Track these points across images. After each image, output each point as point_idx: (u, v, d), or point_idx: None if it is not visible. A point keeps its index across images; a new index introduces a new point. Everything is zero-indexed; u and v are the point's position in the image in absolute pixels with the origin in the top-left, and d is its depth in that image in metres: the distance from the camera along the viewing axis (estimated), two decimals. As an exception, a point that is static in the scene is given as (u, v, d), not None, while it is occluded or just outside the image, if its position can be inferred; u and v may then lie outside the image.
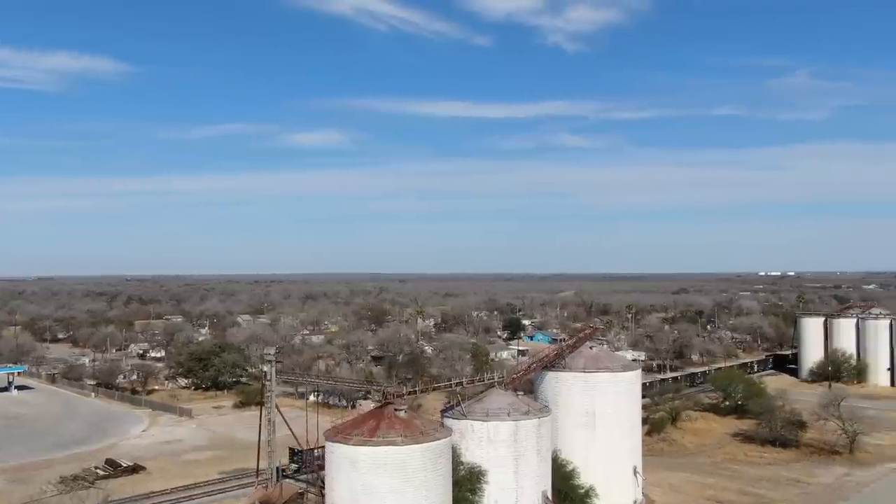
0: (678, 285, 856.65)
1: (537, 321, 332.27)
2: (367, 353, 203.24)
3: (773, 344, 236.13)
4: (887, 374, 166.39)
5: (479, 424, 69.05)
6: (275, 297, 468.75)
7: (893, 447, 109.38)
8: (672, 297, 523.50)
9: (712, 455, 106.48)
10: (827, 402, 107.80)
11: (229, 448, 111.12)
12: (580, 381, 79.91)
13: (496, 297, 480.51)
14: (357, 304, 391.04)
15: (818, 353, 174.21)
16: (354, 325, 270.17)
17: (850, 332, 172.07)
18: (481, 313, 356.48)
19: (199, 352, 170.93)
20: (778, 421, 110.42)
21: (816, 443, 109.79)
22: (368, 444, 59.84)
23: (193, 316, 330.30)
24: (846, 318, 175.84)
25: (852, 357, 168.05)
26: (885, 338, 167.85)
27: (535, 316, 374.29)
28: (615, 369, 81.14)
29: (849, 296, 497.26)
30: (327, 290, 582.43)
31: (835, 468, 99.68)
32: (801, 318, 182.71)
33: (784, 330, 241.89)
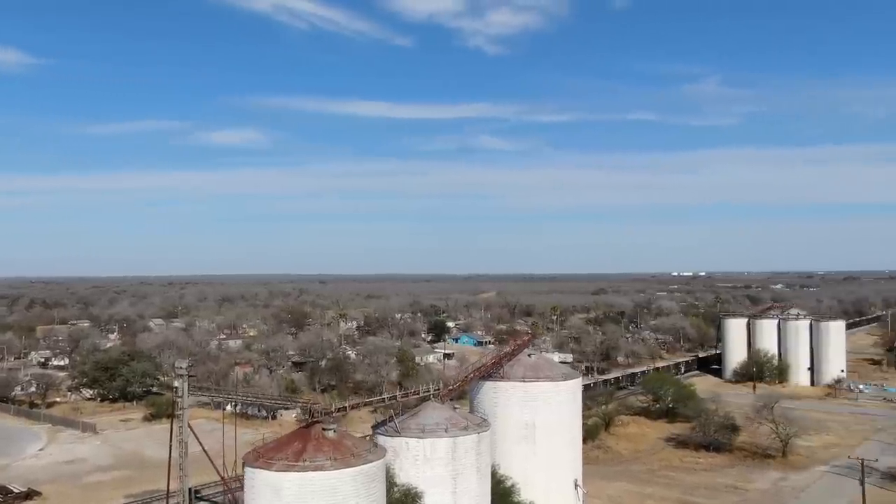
0: (596, 286, 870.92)
1: (462, 323, 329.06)
2: (288, 359, 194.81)
3: (695, 344, 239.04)
4: (807, 374, 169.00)
5: (415, 442, 63.60)
6: (189, 300, 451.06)
7: (824, 449, 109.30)
8: (592, 298, 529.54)
9: (648, 462, 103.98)
10: (761, 406, 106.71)
11: (138, 467, 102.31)
12: (519, 391, 75.46)
13: (419, 299, 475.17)
14: (276, 306, 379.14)
15: (741, 354, 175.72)
16: (274, 329, 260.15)
17: (772, 332, 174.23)
18: (405, 315, 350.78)
19: (105, 360, 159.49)
20: (712, 425, 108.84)
21: (749, 446, 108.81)
22: (294, 469, 53.58)
23: (102, 320, 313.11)
24: (768, 318, 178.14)
25: (774, 357, 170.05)
26: (804, 338, 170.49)
27: (459, 318, 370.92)
28: (556, 378, 77.00)
29: (760, 296, 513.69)
30: (245, 291, 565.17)
31: (770, 473, 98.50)
32: (725, 319, 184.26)
33: (705, 330, 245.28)
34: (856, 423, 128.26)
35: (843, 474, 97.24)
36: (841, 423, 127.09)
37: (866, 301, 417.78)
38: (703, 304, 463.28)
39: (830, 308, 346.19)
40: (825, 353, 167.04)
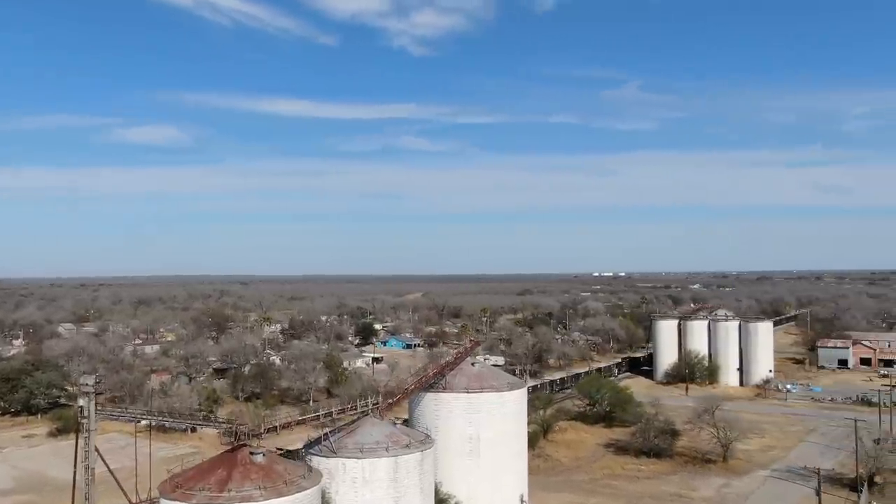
0: (521, 286, 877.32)
1: (390, 325, 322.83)
2: (209, 366, 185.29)
3: (624, 345, 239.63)
4: (737, 374, 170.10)
5: (353, 463, 58.08)
6: (103, 303, 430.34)
7: (762, 452, 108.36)
8: (519, 299, 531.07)
9: (590, 470, 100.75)
10: (702, 410, 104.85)
11: (39, 490, 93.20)
12: (463, 402, 70.73)
13: (345, 300, 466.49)
14: (196, 309, 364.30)
15: (672, 355, 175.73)
16: (194, 334, 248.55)
17: (703, 333, 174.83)
18: (331, 318, 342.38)
19: (6, 370, 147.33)
20: (652, 431, 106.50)
21: (689, 451, 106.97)
22: (218, 501, 47.31)
23: (5, 326, 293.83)
24: (698, 320, 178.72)
25: (705, 358, 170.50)
26: (734, 339, 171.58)
27: (386, 320, 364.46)
28: (501, 388, 72.53)
29: (680, 296, 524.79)
30: (163, 293, 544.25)
31: (712, 479, 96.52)
32: (656, 321, 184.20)
33: (633, 331, 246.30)
34: (789, 425, 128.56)
35: (784, 479, 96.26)
36: (774, 424, 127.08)
37: (781, 301, 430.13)
38: (627, 304, 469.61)
39: (750, 308, 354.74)
40: (754, 353, 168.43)
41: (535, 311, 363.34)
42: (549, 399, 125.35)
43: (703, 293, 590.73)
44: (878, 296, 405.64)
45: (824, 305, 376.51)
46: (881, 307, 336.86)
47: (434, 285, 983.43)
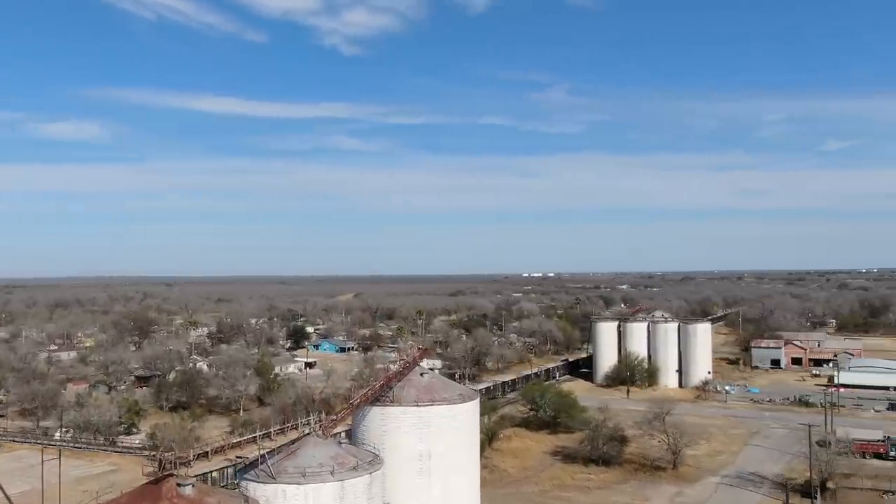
0: (453, 287, 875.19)
1: (322, 328, 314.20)
2: (130, 374, 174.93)
3: (561, 347, 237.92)
4: (676, 376, 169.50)
5: (294, 489, 52.01)
6: (16, 306, 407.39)
7: (710, 457, 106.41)
8: (452, 300, 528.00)
9: (538, 481, 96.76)
10: (652, 417, 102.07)
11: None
12: (413, 416, 65.37)
13: (275, 302, 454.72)
14: (117, 312, 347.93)
15: (612, 358, 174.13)
16: (114, 339, 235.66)
17: (642, 335, 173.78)
18: (261, 321, 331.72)
19: None
20: (600, 438, 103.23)
21: (638, 458, 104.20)
22: (139, 543, 40.82)
23: None
24: (638, 321, 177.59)
25: (644, 360, 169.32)
26: (673, 340, 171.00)
27: (318, 322, 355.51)
28: (453, 401, 67.46)
29: (610, 296, 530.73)
30: (81, 295, 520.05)
31: (664, 487, 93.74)
32: (596, 323, 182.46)
33: (570, 332, 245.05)
34: (732, 427, 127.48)
35: (735, 485, 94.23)
36: (718, 427, 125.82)
37: (709, 301, 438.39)
38: (560, 304, 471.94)
39: (680, 308, 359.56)
40: (693, 354, 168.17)
41: (469, 313, 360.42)
42: (493, 406, 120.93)
43: (632, 293, 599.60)
44: (801, 296, 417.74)
45: (751, 305, 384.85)
46: (805, 307, 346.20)
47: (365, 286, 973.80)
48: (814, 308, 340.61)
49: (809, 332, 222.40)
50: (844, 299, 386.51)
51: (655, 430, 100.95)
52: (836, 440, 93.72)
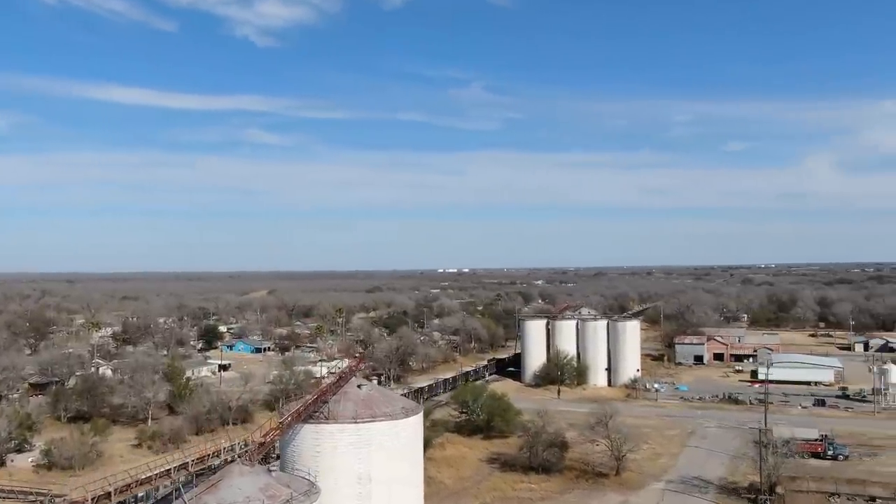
0: (370, 283, 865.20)
1: (235, 327, 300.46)
2: (24, 381, 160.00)
3: (485, 344, 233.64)
4: (605, 375, 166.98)
5: (217, 530, 44.05)
6: None
7: (650, 461, 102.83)
8: (370, 297, 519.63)
9: (478, 493, 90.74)
10: (595, 422, 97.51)
11: None
12: (351, 435, 58.15)
13: (184, 300, 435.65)
14: (11, 312, 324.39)
15: (541, 357, 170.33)
16: (7, 342, 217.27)
17: (571, 333, 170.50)
18: (170, 320, 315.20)
19: None
20: (540, 444, 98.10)
21: (579, 464, 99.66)
22: None
23: None
24: (567, 319, 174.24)
25: (573, 359, 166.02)
26: (602, 338, 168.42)
27: (231, 321, 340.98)
28: (396, 415, 60.55)
29: (528, 292, 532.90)
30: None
31: (609, 495, 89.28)
32: (524, 321, 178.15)
33: (494, 330, 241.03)
34: (667, 428, 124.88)
35: (681, 491, 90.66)
36: (654, 428, 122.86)
37: (626, 296, 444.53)
38: (479, 300, 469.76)
39: (598, 303, 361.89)
40: (622, 352, 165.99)
41: (389, 310, 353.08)
42: (428, 411, 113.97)
43: (548, 289, 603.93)
44: (712, 291, 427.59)
45: (667, 301, 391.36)
46: (718, 301, 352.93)
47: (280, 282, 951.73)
48: (727, 303, 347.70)
49: (730, 329, 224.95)
50: (754, 294, 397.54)
51: (599, 435, 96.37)
52: (779, 441, 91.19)
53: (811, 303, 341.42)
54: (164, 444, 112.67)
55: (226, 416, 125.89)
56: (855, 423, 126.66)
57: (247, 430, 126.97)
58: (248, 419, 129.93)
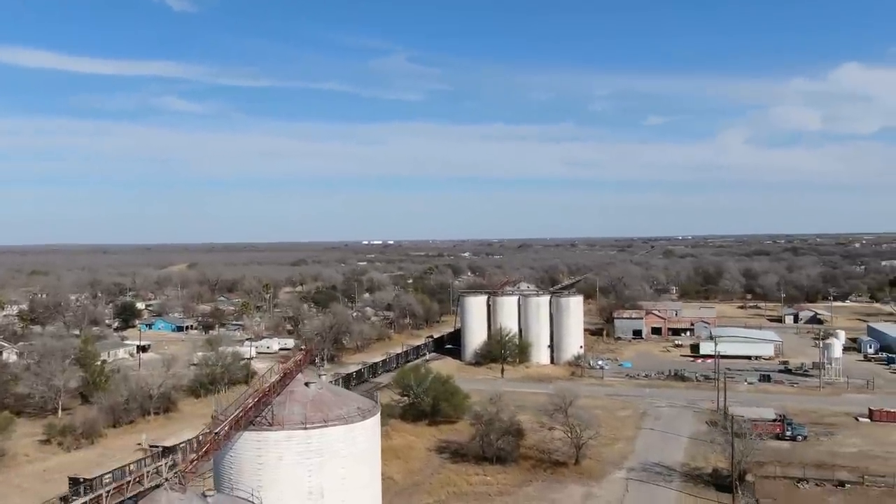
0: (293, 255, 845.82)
1: (154, 304, 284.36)
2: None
3: (420, 320, 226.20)
4: (548, 352, 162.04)
5: (142, 578, 35.18)
6: None
7: (607, 446, 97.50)
8: (295, 270, 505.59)
9: (431, 489, 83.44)
10: (553, 409, 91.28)
11: None
12: (300, 443, 49.70)
13: (98, 275, 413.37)
14: None
15: (482, 334, 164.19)
16: None
17: (513, 309, 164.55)
18: (83, 296, 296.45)
19: None
20: (494, 433, 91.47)
21: (534, 453, 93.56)
22: None
23: None
24: (508, 295, 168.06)
25: (516, 336, 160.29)
26: (545, 314, 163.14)
27: (150, 297, 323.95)
28: (351, 418, 52.38)
29: (457, 265, 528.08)
30: None
31: (571, 487, 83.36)
32: (465, 297, 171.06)
33: (428, 305, 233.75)
34: (617, 409, 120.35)
35: (644, 480, 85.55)
36: (604, 409, 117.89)
37: (555, 268, 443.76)
38: (408, 273, 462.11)
39: (529, 276, 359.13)
40: (565, 329, 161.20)
41: (318, 285, 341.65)
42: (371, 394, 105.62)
43: (476, 262, 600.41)
44: (640, 263, 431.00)
45: (598, 273, 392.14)
46: (647, 274, 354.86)
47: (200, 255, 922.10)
48: (656, 276, 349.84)
49: (664, 302, 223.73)
50: (681, 267, 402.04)
51: (557, 422, 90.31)
52: (745, 425, 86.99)
53: (737, 274, 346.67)
54: (77, 439, 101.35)
55: (146, 405, 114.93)
56: (804, 400, 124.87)
57: (170, 420, 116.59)
58: (171, 408, 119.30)
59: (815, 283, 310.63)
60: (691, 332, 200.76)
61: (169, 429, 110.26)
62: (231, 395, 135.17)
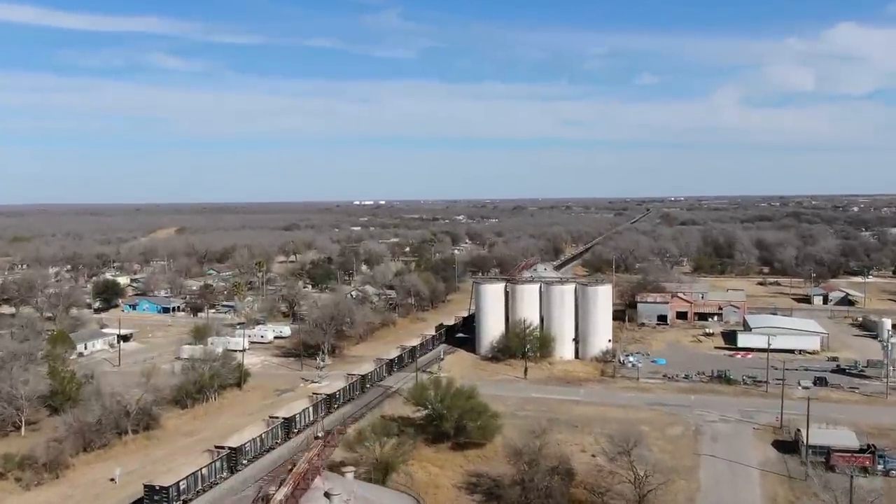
0: (285, 217, 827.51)
1: (140, 279, 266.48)
2: None
3: (425, 301, 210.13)
4: (572, 346, 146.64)
5: None
6: None
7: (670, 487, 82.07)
8: (287, 236, 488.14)
9: (468, 554, 68.30)
10: (617, 452, 75.71)
11: None
12: None
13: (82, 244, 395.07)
14: None
15: (499, 326, 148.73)
16: None
17: (534, 298, 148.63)
18: (64, 270, 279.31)
19: None
20: (539, 472, 76.08)
21: (584, 495, 78.46)
22: None
23: None
24: (529, 283, 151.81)
25: (537, 329, 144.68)
26: (570, 304, 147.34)
27: (136, 269, 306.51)
28: None
29: (455, 231, 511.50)
30: None
31: (638, 552, 68.28)
32: (480, 285, 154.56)
33: (434, 285, 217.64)
34: (666, 425, 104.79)
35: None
36: (650, 424, 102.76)
37: (558, 237, 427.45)
38: (404, 240, 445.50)
39: (534, 248, 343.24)
40: (593, 321, 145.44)
41: (312, 256, 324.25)
42: (390, 429, 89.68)
43: (474, 227, 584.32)
44: (647, 233, 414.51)
45: (604, 245, 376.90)
46: (657, 246, 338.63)
47: (188, 218, 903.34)
48: (666, 246, 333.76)
49: (695, 284, 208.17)
50: (690, 237, 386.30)
51: (620, 466, 74.95)
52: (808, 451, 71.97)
53: (749, 246, 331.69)
54: (39, 472, 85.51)
55: (123, 423, 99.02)
56: (873, 413, 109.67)
57: (151, 442, 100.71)
58: (152, 425, 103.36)
59: (832, 255, 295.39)
60: (719, 318, 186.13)
61: (150, 453, 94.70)
62: (222, 402, 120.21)
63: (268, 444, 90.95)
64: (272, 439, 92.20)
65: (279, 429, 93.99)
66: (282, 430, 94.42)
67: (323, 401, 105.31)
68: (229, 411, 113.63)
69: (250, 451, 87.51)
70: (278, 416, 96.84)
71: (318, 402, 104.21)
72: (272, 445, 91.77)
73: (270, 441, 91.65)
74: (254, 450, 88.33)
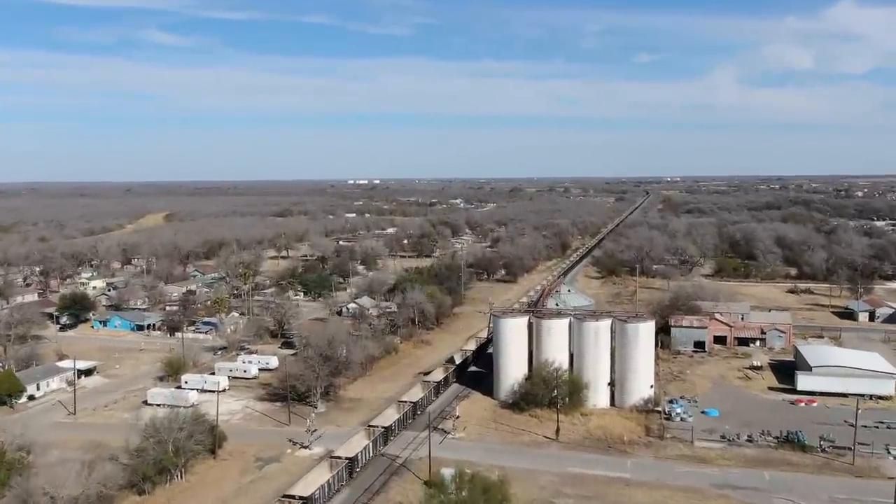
0: (277, 201, 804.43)
1: (117, 284, 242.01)
2: None
3: (430, 321, 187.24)
4: (608, 392, 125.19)
5: None
6: None
7: None
8: (279, 225, 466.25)
9: None
10: None
11: None
12: None
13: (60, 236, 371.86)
14: None
15: (521, 366, 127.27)
16: None
17: (563, 336, 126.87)
18: (32, 275, 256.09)
19: None
20: None
21: None
22: None
23: None
24: (556, 318, 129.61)
25: (566, 373, 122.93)
26: (605, 343, 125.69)
27: (113, 272, 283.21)
28: None
29: (455, 222, 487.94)
30: None
31: None
32: (499, 320, 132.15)
33: (441, 300, 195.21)
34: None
35: None
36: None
37: (565, 232, 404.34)
38: (402, 230, 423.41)
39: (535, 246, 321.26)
40: (632, 364, 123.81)
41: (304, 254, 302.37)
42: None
43: (473, 215, 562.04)
44: (657, 227, 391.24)
45: (614, 239, 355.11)
46: (672, 244, 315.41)
47: (180, 200, 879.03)
48: (684, 246, 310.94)
49: (733, 304, 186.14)
50: (704, 231, 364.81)
51: None
52: None
53: (770, 244, 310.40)
54: None
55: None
56: None
57: None
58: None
59: (865, 257, 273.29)
60: (762, 343, 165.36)
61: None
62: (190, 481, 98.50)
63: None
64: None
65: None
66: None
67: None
68: (200, 496, 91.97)
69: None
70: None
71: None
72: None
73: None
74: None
